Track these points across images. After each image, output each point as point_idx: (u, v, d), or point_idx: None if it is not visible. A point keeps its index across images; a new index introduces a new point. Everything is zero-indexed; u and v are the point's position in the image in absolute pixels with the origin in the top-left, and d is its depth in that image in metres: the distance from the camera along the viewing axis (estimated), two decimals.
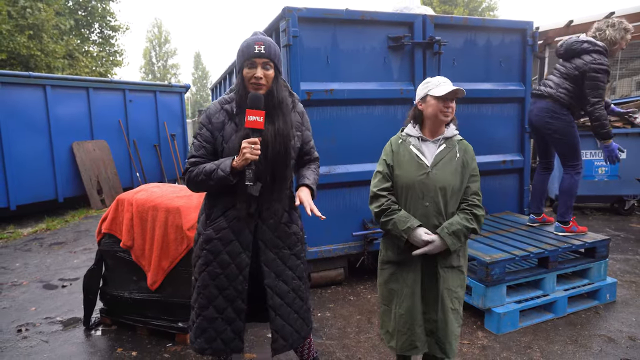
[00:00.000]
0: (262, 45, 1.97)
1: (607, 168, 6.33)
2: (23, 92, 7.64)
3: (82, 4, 17.18)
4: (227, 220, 2.08)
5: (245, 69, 2.00)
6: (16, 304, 4.03)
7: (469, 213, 2.13)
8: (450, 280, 2.15)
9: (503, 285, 3.22)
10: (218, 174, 1.95)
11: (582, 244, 3.54)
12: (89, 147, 8.67)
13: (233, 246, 2.08)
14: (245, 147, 1.89)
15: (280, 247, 2.16)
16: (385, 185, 2.19)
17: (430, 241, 2.05)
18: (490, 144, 4.50)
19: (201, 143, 2.08)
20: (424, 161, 2.16)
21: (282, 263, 2.16)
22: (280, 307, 2.14)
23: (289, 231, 2.19)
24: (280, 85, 2.09)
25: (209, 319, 2.10)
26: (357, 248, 4.07)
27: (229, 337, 2.11)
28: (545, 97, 3.78)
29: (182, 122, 11.11)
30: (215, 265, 2.09)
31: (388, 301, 2.22)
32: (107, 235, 3.36)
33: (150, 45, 45.80)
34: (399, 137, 2.28)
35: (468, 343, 3.06)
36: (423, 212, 2.13)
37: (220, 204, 2.10)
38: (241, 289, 2.10)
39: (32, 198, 7.78)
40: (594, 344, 3.00)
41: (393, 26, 4.05)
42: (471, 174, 2.19)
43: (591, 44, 3.62)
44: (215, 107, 2.09)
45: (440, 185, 2.11)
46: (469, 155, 2.21)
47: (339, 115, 3.95)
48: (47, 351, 3.16)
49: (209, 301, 2.10)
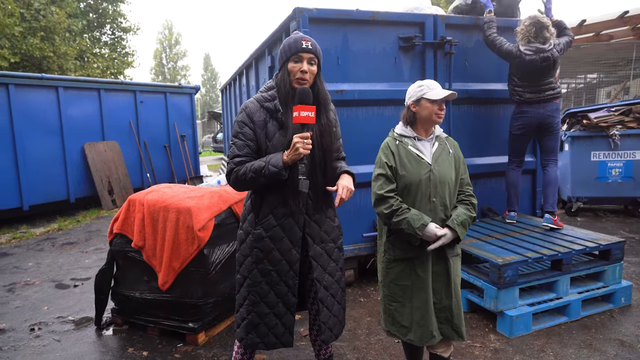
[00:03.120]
0: (309, 42, 2.03)
1: (620, 170, 6.25)
2: (36, 94, 7.73)
3: (93, 6, 17.36)
4: (276, 218, 2.10)
5: (291, 62, 2.03)
6: (29, 303, 4.07)
7: (469, 203, 2.31)
8: (456, 268, 2.31)
9: (516, 287, 3.18)
10: (270, 170, 1.96)
11: (596, 246, 3.49)
12: (100, 148, 8.75)
13: (283, 243, 2.11)
14: (298, 142, 1.91)
15: (327, 241, 2.20)
16: (390, 187, 2.23)
17: (443, 234, 2.15)
18: (501, 145, 4.46)
19: (245, 142, 2.06)
20: (425, 159, 2.25)
21: (328, 257, 2.21)
22: (327, 299, 2.18)
23: (334, 225, 2.25)
24: (322, 83, 2.14)
25: (261, 315, 2.13)
26: (367, 249, 4.06)
27: (280, 332, 2.15)
28: (554, 98, 3.96)
29: (192, 123, 11.16)
30: (266, 262, 2.11)
31: (401, 297, 2.27)
32: (118, 235, 3.38)
33: (161, 47, 46.21)
34: (394, 138, 2.34)
35: (480, 346, 3.02)
36: (430, 207, 2.22)
37: (268, 202, 2.11)
38: (292, 284, 2.14)
39: (45, 198, 7.87)
40: (608, 348, 2.95)
41: (404, 26, 4.03)
42: (462, 166, 2.35)
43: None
44: (255, 106, 2.09)
45: (444, 180, 2.23)
46: (457, 150, 2.37)
47: (349, 116, 3.93)
48: (59, 350, 3.19)
49: (260, 297, 2.13)
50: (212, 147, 23.13)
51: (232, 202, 3.39)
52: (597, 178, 6.32)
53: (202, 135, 29.05)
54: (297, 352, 3.03)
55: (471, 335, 3.16)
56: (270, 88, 2.13)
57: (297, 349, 3.05)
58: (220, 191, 3.43)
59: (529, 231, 3.90)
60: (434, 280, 2.24)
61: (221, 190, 3.47)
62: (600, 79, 12.76)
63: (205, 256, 3.09)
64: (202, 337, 3.18)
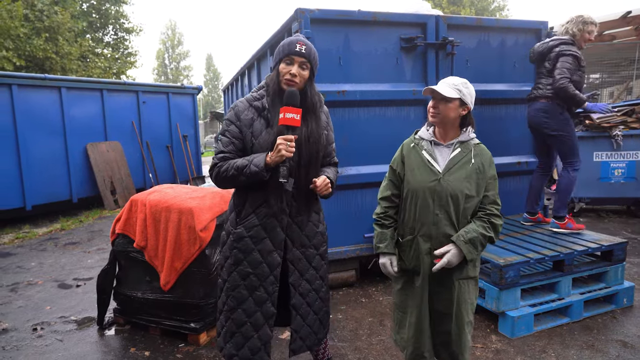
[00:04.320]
0: (303, 46, 2.02)
1: (623, 170, 6.23)
2: (39, 94, 7.76)
3: (95, 6, 17.40)
4: (259, 217, 2.07)
5: (282, 64, 2.04)
6: (32, 303, 4.09)
7: (487, 221, 2.02)
8: (467, 293, 2.07)
9: (517, 288, 3.18)
10: (251, 169, 1.95)
11: (598, 247, 3.48)
12: (102, 148, 8.77)
13: (264, 244, 2.07)
14: (281, 144, 1.90)
15: (307, 246, 2.17)
16: (388, 193, 2.17)
17: (447, 251, 1.97)
18: (504, 146, 4.45)
19: (230, 139, 2.08)
20: (435, 167, 2.05)
21: (308, 262, 2.17)
22: (301, 307, 2.14)
23: (317, 230, 2.21)
24: (314, 89, 2.13)
25: (238, 323, 2.08)
26: (369, 250, 4.05)
27: (256, 346, 2.08)
28: (539, 98, 3.90)
29: (194, 124, 11.18)
30: (245, 264, 2.07)
31: (404, 308, 2.18)
32: (120, 235, 3.39)
33: (164, 47, 46.30)
34: (412, 140, 2.20)
35: (481, 347, 3.02)
36: (433, 220, 2.03)
37: (251, 201, 2.09)
38: (271, 291, 2.09)
39: (47, 198, 7.89)
40: (611, 349, 2.95)
41: (406, 27, 4.03)
42: (488, 181, 2.06)
43: (556, 39, 3.83)
44: (244, 105, 2.11)
45: (452, 192, 2.00)
46: (485, 161, 2.06)
47: (350, 117, 3.93)
48: (62, 350, 3.20)
49: (238, 303, 2.08)
50: (214, 148, 23.18)
51: None
52: (600, 178, 6.30)
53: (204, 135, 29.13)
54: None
55: (473, 336, 3.16)
56: (260, 87, 2.15)
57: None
58: (222, 192, 3.43)
59: (531, 232, 3.90)
60: (436, 301, 2.08)
61: (223, 190, 3.47)
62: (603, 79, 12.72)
63: (207, 256, 3.09)
64: (203, 337, 3.18)
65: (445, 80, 2.08)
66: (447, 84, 2.06)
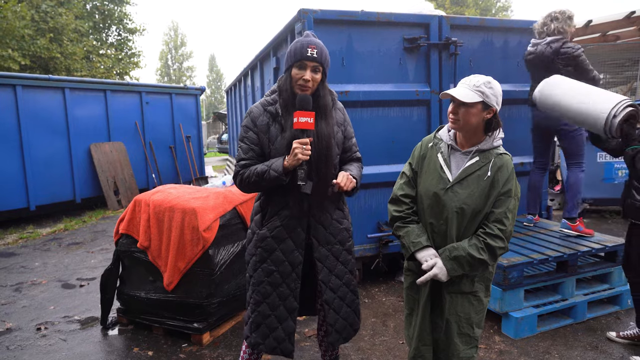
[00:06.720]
0: (315, 49, 2.01)
1: (627, 171, 6.19)
2: (43, 95, 7.79)
3: (99, 7, 17.45)
4: (281, 219, 2.12)
5: (295, 69, 2.04)
6: (35, 303, 4.10)
7: (482, 242, 1.82)
8: (460, 307, 1.93)
9: (521, 289, 3.17)
10: (270, 174, 1.99)
11: (602, 248, 3.47)
12: (106, 148, 8.80)
13: (286, 244, 2.13)
14: (297, 148, 1.93)
15: (333, 243, 2.21)
16: (408, 191, 2.03)
17: (432, 264, 1.85)
18: (508, 146, 4.39)
19: (249, 146, 2.11)
20: (446, 175, 1.89)
21: (335, 258, 2.22)
22: (333, 301, 2.19)
23: (341, 227, 2.25)
24: (326, 90, 2.14)
25: (263, 315, 2.16)
26: (372, 250, 4.05)
27: (280, 336, 2.16)
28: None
29: (197, 124, 11.20)
30: (269, 262, 2.14)
31: (412, 307, 2.14)
32: (124, 235, 3.40)
33: (167, 48, 46.39)
34: (431, 139, 2.03)
35: (485, 347, 3.01)
36: (438, 229, 1.92)
37: (274, 204, 2.15)
38: (294, 287, 2.15)
39: (51, 198, 7.93)
40: (614, 351, 2.93)
41: (409, 27, 4.02)
42: (499, 197, 1.84)
43: (554, 41, 3.74)
44: (259, 110, 2.13)
45: (457, 205, 1.84)
46: (502, 174, 1.85)
47: (354, 117, 3.91)
48: (65, 349, 3.21)
49: (263, 297, 2.16)
50: (217, 148, 23.24)
51: (237, 202, 3.40)
52: (603, 179, 6.28)
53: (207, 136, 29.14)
54: (301, 352, 3.03)
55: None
56: (273, 92, 2.16)
57: (301, 350, 3.06)
58: (225, 192, 3.44)
59: (535, 232, 3.89)
60: (432, 309, 1.99)
61: (226, 191, 3.48)
62: (607, 79, 12.67)
63: (210, 257, 3.10)
64: (207, 337, 3.19)
65: (465, 81, 1.88)
66: (467, 85, 1.85)
